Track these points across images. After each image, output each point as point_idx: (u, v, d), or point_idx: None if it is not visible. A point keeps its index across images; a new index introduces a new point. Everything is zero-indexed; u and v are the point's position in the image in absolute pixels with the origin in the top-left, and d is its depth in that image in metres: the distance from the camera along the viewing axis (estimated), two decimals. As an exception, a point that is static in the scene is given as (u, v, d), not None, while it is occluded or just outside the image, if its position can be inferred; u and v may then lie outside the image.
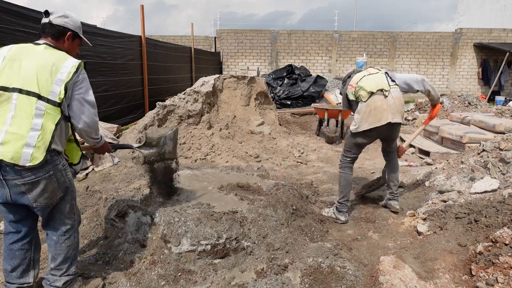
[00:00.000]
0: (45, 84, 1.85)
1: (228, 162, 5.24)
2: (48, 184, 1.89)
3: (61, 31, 2.05)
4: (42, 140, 1.83)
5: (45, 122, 1.84)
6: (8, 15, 4.34)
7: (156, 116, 5.83)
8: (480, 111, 8.60)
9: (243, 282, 2.31)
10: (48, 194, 1.91)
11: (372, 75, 3.29)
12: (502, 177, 3.52)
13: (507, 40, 15.60)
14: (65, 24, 2.05)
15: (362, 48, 15.98)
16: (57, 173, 1.92)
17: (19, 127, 1.81)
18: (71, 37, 2.10)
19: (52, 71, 1.87)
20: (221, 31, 16.33)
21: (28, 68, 1.86)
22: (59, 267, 2.06)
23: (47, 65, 1.88)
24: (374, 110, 3.15)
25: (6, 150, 1.78)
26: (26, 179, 1.84)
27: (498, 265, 2.06)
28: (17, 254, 2.05)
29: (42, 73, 1.86)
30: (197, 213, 2.70)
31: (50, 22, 2.02)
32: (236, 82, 6.84)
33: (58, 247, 2.05)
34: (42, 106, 1.84)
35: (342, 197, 3.41)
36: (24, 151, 1.79)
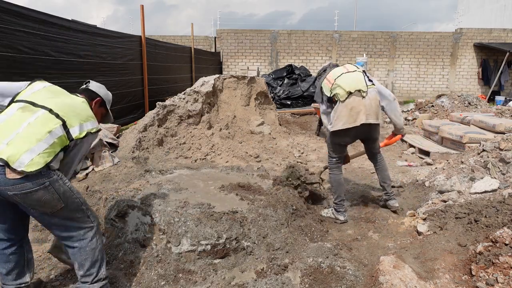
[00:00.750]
0: (73, 120, 1.98)
1: (228, 162, 5.24)
2: (45, 195, 1.86)
3: (93, 95, 2.29)
4: (47, 153, 1.85)
5: (56, 143, 1.90)
6: (8, 15, 4.34)
7: (156, 116, 5.83)
8: (480, 111, 8.60)
9: (243, 282, 2.31)
10: (46, 204, 1.88)
11: (351, 73, 3.24)
12: (502, 177, 3.52)
13: (507, 40, 15.60)
14: (98, 91, 2.32)
15: (362, 48, 15.98)
16: (54, 184, 1.89)
17: (31, 134, 1.84)
18: (99, 103, 2.31)
19: (83, 118, 2.03)
20: (221, 31, 16.33)
21: (66, 102, 2.04)
22: (88, 272, 2.04)
23: (82, 110, 2.07)
24: (351, 111, 3.13)
25: (7, 149, 1.78)
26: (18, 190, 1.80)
27: (498, 265, 2.06)
28: (11, 258, 2.05)
29: (75, 113, 2.01)
30: (197, 213, 2.70)
31: (87, 87, 2.31)
32: (236, 82, 6.84)
33: (83, 252, 2.03)
34: (61, 132, 1.92)
35: (337, 197, 3.41)
36: (25, 154, 1.79)
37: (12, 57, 4.41)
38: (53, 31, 5.15)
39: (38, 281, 2.33)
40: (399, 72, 16.18)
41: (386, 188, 3.57)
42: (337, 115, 3.17)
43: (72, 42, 5.61)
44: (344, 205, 3.44)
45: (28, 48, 4.64)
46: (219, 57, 16.26)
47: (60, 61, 5.31)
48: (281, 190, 3.27)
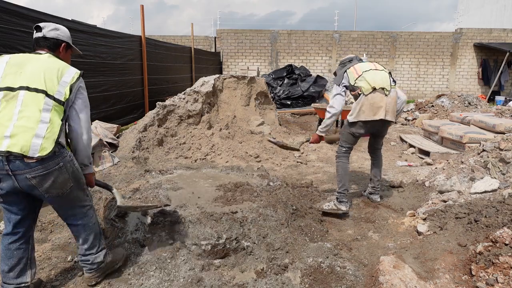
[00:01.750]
0: (51, 84, 1.96)
1: (228, 162, 5.24)
2: (59, 175, 1.95)
3: (55, 42, 2.17)
4: (51, 132, 1.90)
5: (53, 117, 1.93)
6: (8, 15, 4.34)
7: (156, 116, 5.83)
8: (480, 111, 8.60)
9: (243, 282, 2.31)
10: (59, 185, 1.97)
11: (379, 71, 3.42)
12: (502, 177, 3.52)
13: (507, 40, 15.60)
14: (58, 36, 2.18)
15: (362, 48, 15.98)
16: (66, 164, 1.98)
17: (28, 120, 1.87)
18: (65, 48, 2.23)
19: (58, 74, 2.00)
20: (221, 31, 16.33)
21: (34, 69, 1.97)
22: (92, 244, 2.21)
23: (53, 68, 2.01)
24: (372, 105, 3.31)
25: (14, 142, 1.82)
26: (37, 172, 1.88)
27: (498, 265, 2.06)
28: (15, 254, 2.07)
29: (49, 75, 1.97)
30: (197, 213, 2.70)
31: (44, 36, 2.14)
32: (236, 82, 6.84)
33: (87, 228, 2.18)
34: (50, 102, 1.94)
35: (341, 186, 3.51)
36: (33, 141, 1.85)
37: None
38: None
39: (38, 281, 2.32)
40: (399, 72, 16.18)
41: (375, 183, 3.82)
42: (359, 108, 3.34)
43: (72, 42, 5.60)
44: (347, 195, 3.53)
45: (28, 48, 4.64)
46: (219, 57, 16.26)
47: (60, 61, 5.31)
48: (281, 190, 3.28)
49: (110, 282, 2.31)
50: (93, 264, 2.23)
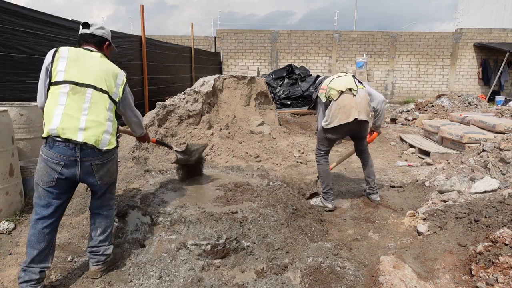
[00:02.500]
0: (110, 86, 2.27)
1: (228, 162, 5.24)
2: (112, 165, 2.29)
3: (101, 40, 2.42)
4: (114, 129, 2.25)
5: (113, 116, 2.28)
6: (8, 15, 4.34)
7: (156, 116, 5.83)
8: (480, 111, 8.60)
9: (243, 282, 2.31)
10: (110, 174, 2.28)
11: (341, 78, 3.59)
12: (502, 177, 3.52)
13: (507, 40, 15.60)
14: (103, 35, 2.43)
15: (362, 48, 15.98)
16: (116, 157, 2.33)
17: (98, 116, 2.17)
18: (108, 46, 2.48)
19: (114, 77, 2.30)
20: (221, 31, 16.33)
21: (95, 70, 2.24)
22: (107, 237, 2.36)
23: (109, 70, 2.30)
24: (344, 108, 3.42)
25: (90, 134, 2.12)
26: (101, 160, 2.18)
27: (498, 265, 2.06)
28: (47, 238, 2.17)
29: (108, 77, 2.27)
30: (197, 213, 2.70)
31: (92, 33, 2.38)
32: (236, 82, 6.84)
33: (109, 220, 2.39)
34: (111, 104, 2.27)
35: (325, 187, 3.68)
36: (104, 136, 2.17)
37: (12, 57, 4.41)
38: (53, 31, 5.15)
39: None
40: (399, 72, 16.18)
41: (370, 183, 3.86)
42: (332, 113, 3.46)
43: (72, 42, 5.60)
44: (332, 194, 3.71)
45: (28, 48, 4.64)
46: (219, 57, 16.26)
47: (60, 61, 5.31)
48: (281, 190, 3.27)
49: (110, 282, 2.31)
50: (102, 256, 2.33)
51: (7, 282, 2.36)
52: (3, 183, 3.18)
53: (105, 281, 2.32)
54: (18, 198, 3.36)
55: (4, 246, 2.80)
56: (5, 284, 2.33)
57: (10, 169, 3.24)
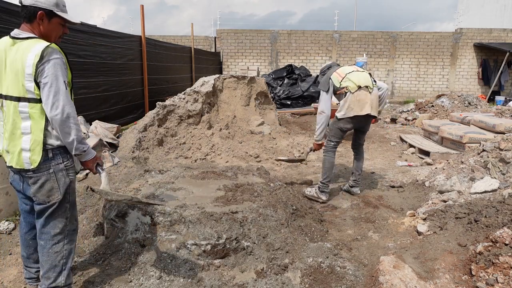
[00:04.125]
0: (20, 83, 1.73)
1: (228, 162, 5.24)
2: (47, 181, 1.86)
3: (31, 11, 1.76)
4: (36, 142, 1.80)
5: (33, 123, 1.78)
6: (8, 15, 4.34)
7: (156, 116, 5.83)
8: (480, 111, 8.59)
9: (243, 282, 2.31)
10: (46, 192, 1.87)
11: (361, 72, 3.78)
12: (502, 177, 3.52)
13: (507, 40, 15.60)
14: (35, 3, 1.75)
15: (362, 48, 15.98)
16: (57, 173, 1.87)
17: (12, 133, 1.83)
18: (45, 17, 1.79)
19: (22, 67, 1.71)
20: (221, 31, 16.33)
21: (8, 72, 1.77)
22: (46, 275, 1.94)
23: (17, 61, 1.73)
24: (359, 102, 3.64)
25: (11, 158, 1.87)
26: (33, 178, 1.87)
27: (498, 265, 2.06)
28: (31, 244, 2.11)
29: (15, 72, 1.73)
30: (196, 213, 2.70)
31: (21, 2, 1.78)
32: (236, 82, 6.84)
33: (45, 252, 1.93)
34: (25, 107, 1.77)
35: (325, 178, 3.84)
36: (23, 155, 1.83)
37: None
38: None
39: None
40: (399, 72, 16.18)
41: (356, 176, 4.08)
42: (348, 105, 3.65)
43: (72, 42, 5.61)
44: (329, 186, 3.89)
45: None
46: (219, 57, 16.26)
47: (60, 61, 5.31)
48: (281, 190, 3.27)
49: (110, 282, 2.31)
50: None
51: (7, 282, 2.36)
52: (3, 183, 3.18)
53: (105, 281, 2.32)
54: (18, 198, 3.36)
55: (4, 246, 2.80)
56: (5, 284, 2.33)
57: (10, 169, 3.24)
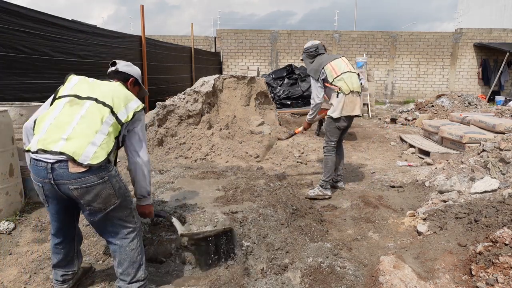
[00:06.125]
0: (118, 105, 2.00)
1: (228, 162, 5.24)
2: (103, 190, 1.88)
3: (126, 76, 2.28)
4: (107, 144, 1.89)
5: (111, 132, 1.93)
6: (8, 15, 4.34)
7: (156, 116, 5.83)
8: (480, 111, 8.59)
9: (243, 282, 2.31)
10: (102, 200, 1.89)
11: (352, 74, 4.00)
12: (502, 177, 3.52)
13: (507, 40, 15.59)
14: (129, 72, 2.31)
15: (362, 48, 15.98)
16: (112, 179, 1.91)
17: (87, 126, 1.88)
18: (133, 83, 2.32)
19: (126, 99, 2.06)
20: (221, 31, 16.33)
21: (105, 89, 2.05)
22: (126, 271, 2.03)
23: (122, 93, 2.08)
24: (351, 103, 3.94)
25: (69, 144, 1.81)
26: (80, 183, 1.82)
27: (498, 265, 2.06)
28: (62, 252, 2.16)
29: (118, 97, 2.03)
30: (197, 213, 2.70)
31: (117, 69, 2.27)
32: (236, 82, 6.83)
33: (123, 251, 2.02)
34: (112, 118, 1.95)
35: (328, 176, 4.08)
36: (88, 148, 1.83)
37: (12, 57, 4.41)
38: (53, 31, 5.15)
39: (88, 266, 2.42)
40: (399, 72, 16.18)
41: (340, 171, 4.32)
42: (342, 105, 3.91)
43: (72, 42, 5.61)
44: (330, 183, 4.14)
45: (28, 48, 4.64)
46: (219, 57, 16.26)
47: (60, 61, 5.31)
48: (281, 190, 3.27)
49: (110, 282, 2.31)
50: None
51: (7, 282, 2.36)
52: (3, 183, 3.18)
53: (105, 281, 2.32)
54: (18, 198, 3.36)
55: (4, 246, 2.80)
56: (5, 284, 2.34)
57: (10, 169, 3.25)
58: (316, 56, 4.07)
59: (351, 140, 7.19)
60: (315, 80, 3.95)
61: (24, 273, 2.45)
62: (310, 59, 4.10)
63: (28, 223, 3.18)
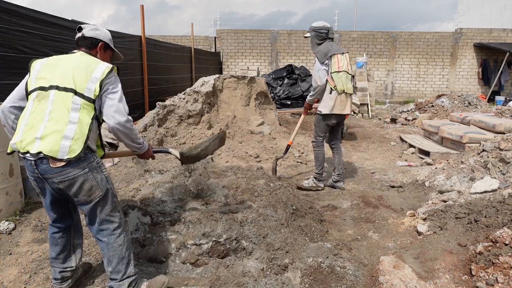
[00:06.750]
0: (80, 81, 1.92)
1: (228, 162, 5.24)
2: (85, 181, 1.91)
3: (93, 42, 2.16)
4: (80, 133, 1.87)
5: (82, 116, 1.89)
6: (8, 15, 4.34)
7: (156, 116, 5.83)
8: (480, 111, 8.59)
9: (243, 282, 2.31)
10: (86, 192, 1.93)
11: (349, 77, 4.11)
12: (502, 177, 3.52)
13: (507, 40, 15.59)
14: (97, 36, 2.17)
15: (362, 48, 15.98)
16: (93, 171, 1.93)
17: (57, 121, 1.86)
18: (103, 48, 2.20)
19: (87, 70, 1.96)
20: (221, 31, 16.33)
21: (64, 68, 1.96)
22: (116, 269, 2.04)
23: (82, 65, 1.98)
24: (342, 102, 4.08)
25: (44, 143, 1.83)
26: (63, 176, 1.86)
27: (498, 265, 2.06)
28: (59, 242, 2.17)
29: (78, 72, 1.94)
30: (196, 213, 2.70)
31: (83, 35, 2.14)
32: (236, 82, 6.83)
33: (111, 247, 2.03)
34: (78, 101, 1.90)
35: (320, 169, 4.29)
36: (62, 143, 1.82)
37: (12, 57, 4.41)
38: (53, 31, 5.15)
39: (87, 265, 2.43)
40: (399, 72, 16.18)
41: (340, 170, 4.36)
42: (333, 103, 4.05)
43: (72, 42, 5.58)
44: (323, 175, 4.33)
45: (28, 48, 4.64)
46: (219, 57, 16.26)
47: (60, 61, 5.30)
48: (281, 190, 3.27)
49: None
50: None
51: (7, 282, 2.36)
52: (3, 183, 3.18)
53: (105, 281, 2.32)
54: (18, 198, 3.36)
55: (4, 246, 2.80)
56: (5, 284, 2.34)
57: (10, 169, 3.25)
58: (325, 39, 4.11)
59: (351, 140, 7.19)
60: (320, 63, 4.01)
61: (24, 273, 2.45)
62: (318, 40, 4.13)
63: (28, 223, 3.18)
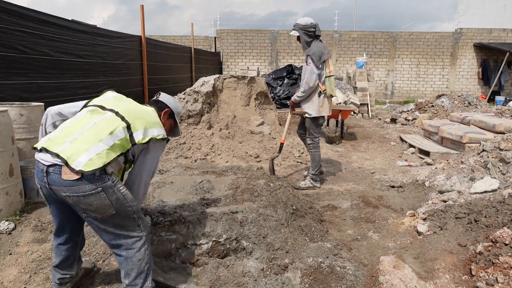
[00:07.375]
0: (136, 124, 1.95)
1: (228, 162, 5.24)
2: (96, 200, 1.82)
3: (162, 105, 2.26)
4: (106, 155, 1.82)
5: (116, 145, 1.87)
6: (8, 15, 4.34)
7: (156, 116, 5.83)
8: (480, 111, 8.60)
9: (243, 282, 2.31)
10: (97, 209, 1.84)
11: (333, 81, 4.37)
12: (502, 177, 3.52)
13: (507, 40, 15.60)
14: (167, 102, 2.29)
15: (362, 48, 15.98)
16: (107, 190, 1.84)
17: (94, 133, 1.85)
18: (167, 114, 2.27)
19: (148, 123, 1.99)
20: (221, 31, 16.33)
21: (131, 108, 2.05)
22: (133, 282, 1.98)
23: (147, 117, 2.03)
24: (329, 105, 4.33)
25: (69, 148, 1.80)
26: (71, 191, 1.79)
27: (498, 265, 2.06)
28: (64, 254, 2.15)
29: (139, 118, 1.98)
30: (197, 213, 2.70)
31: (157, 98, 2.31)
32: (236, 82, 6.83)
33: (129, 262, 1.96)
34: (123, 134, 1.90)
35: (317, 170, 4.42)
36: (85, 153, 1.78)
37: (12, 57, 4.41)
38: (53, 31, 5.15)
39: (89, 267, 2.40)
40: (399, 72, 16.18)
41: None
42: (323, 106, 4.28)
43: (72, 42, 5.60)
44: (319, 175, 4.48)
45: (28, 48, 4.64)
46: (219, 57, 16.26)
47: (60, 61, 5.31)
48: (281, 190, 3.27)
49: (110, 282, 2.31)
50: None
51: (7, 282, 2.36)
52: (3, 183, 3.18)
53: (105, 281, 2.32)
54: (18, 198, 3.36)
55: (4, 246, 2.80)
56: (5, 284, 2.34)
57: (10, 169, 3.25)
58: (314, 37, 4.21)
59: (351, 140, 7.20)
60: (315, 66, 4.12)
61: (24, 273, 2.45)
62: (308, 38, 4.21)
63: (28, 223, 3.18)
